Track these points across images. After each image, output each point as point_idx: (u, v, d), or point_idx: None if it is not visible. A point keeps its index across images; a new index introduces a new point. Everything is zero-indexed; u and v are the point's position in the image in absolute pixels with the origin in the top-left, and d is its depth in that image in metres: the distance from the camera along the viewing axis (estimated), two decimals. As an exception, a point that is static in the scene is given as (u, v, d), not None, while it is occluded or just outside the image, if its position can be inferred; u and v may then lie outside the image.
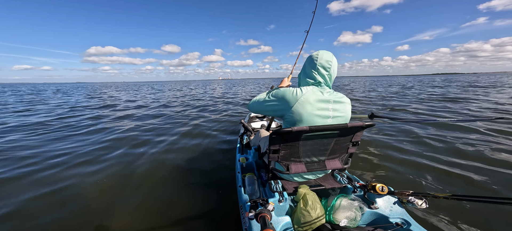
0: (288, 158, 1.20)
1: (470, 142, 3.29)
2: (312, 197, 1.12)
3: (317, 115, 1.11)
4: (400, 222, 1.04)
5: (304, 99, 1.09)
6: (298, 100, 1.10)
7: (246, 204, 1.21)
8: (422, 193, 1.03)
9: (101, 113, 7.04)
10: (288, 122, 1.16)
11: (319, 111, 1.11)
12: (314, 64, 1.15)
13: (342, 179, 1.38)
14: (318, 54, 1.15)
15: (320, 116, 1.12)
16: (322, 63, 1.14)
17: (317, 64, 1.15)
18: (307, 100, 1.10)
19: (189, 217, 1.78)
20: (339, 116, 1.17)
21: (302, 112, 1.10)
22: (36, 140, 3.94)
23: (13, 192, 2.15)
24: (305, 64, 1.23)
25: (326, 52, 1.17)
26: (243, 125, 2.11)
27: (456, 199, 0.87)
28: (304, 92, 1.11)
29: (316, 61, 1.15)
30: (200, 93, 16.23)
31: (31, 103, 10.30)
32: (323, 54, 1.15)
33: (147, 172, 2.60)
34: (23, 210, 1.89)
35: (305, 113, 1.10)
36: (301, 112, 1.10)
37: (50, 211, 1.87)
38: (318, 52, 1.16)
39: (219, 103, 9.61)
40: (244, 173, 1.68)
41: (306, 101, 1.09)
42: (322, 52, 1.16)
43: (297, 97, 1.10)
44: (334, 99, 1.15)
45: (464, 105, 6.96)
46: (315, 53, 1.17)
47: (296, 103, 1.10)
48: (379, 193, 1.12)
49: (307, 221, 1.06)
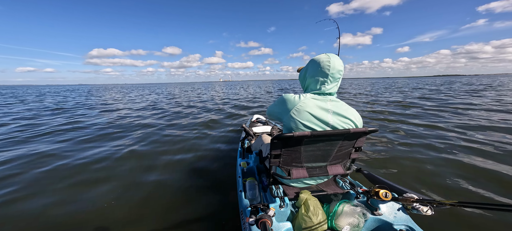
0: (289, 163, 1.18)
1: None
2: (314, 202, 1.10)
3: (315, 124, 1.08)
4: (404, 229, 1.02)
5: (302, 107, 1.08)
6: (296, 106, 1.08)
7: (246, 209, 1.19)
8: (427, 199, 1.00)
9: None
10: (285, 126, 1.16)
11: (317, 121, 1.08)
12: (326, 73, 1.08)
13: (345, 184, 1.36)
14: (330, 62, 1.06)
15: (317, 126, 1.08)
16: (334, 73, 1.08)
17: (329, 74, 1.08)
18: (305, 108, 1.07)
19: (189, 221, 1.76)
20: (338, 117, 1.10)
21: (299, 119, 1.08)
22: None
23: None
24: (313, 68, 1.13)
25: (338, 60, 1.08)
26: (244, 129, 2.11)
27: (463, 206, 0.84)
28: (303, 99, 1.09)
29: (328, 70, 1.07)
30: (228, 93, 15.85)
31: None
32: (335, 62, 1.06)
33: (148, 173, 2.60)
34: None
35: (303, 120, 1.08)
36: (297, 119, 1.08)
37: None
38: (330, 59, 1.07)
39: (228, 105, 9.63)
40: (245, 177, 1.67)
41: (303, 109, 1.07)
42: (334, 59, 1.07)
43: (296, 103, 1.09)
44: (335, 111, 1.09)
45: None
46: (326, 60, 1.07)
47: (293, 109, 1.09)
48: (383, 199, 1.09)
49: (308, 227, 1.03)
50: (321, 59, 1.09)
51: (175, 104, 10.59)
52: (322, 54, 1.12)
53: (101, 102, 11.73)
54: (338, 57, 1.10)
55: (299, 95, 1.11)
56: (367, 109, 7.52)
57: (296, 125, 1.09)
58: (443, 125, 4.73)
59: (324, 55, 1.10)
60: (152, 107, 9.46)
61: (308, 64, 1.17)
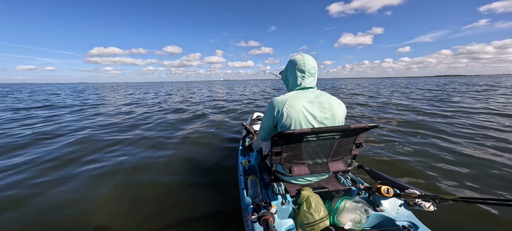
0: (290, 160, 1.18)
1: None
2: (316, 199, 1.10)
3: (304, 116, 1.14)
4: (407, 224, 1.02)
5: (291, 102, 1.14)
6: (285, 104, 1.15)
7: (248, 206, 1.20)
8: (429, 195, 1.00)
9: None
10: (280, 126, 1.19)
11: (306, 109, 1.15)
12: (303, 70, 1.22)
13: (346, 181, 1.36)
14: (304, 60, 1.22)
15: (306, 116, 1.14)
16: (309, 69, 1.22)
17: (305, 70, 1.22)
18: (294, 102, 1.14)
19: (191, 219, 1.77)
20: (325, 112, 1.16)
21: (291, 113, 1.13)
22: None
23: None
24: (292, 67, 1.27)
25: (311, 58, 1.24)
26: (245, 127, 2.11)
27: (466, 201, 0.84)
28: (289, 96, 1.17)
29: (304, 67, 1.21)
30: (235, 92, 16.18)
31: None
32: (309, 60, 1.22)
33: (147, 171, 2.61)
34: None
35: (294, 114, 1.13)
36: (289, 114, 1.14)
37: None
38: (304, 57, 1.23)
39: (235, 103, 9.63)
40: (247, 175, 1.67)
41: (292, 104, 1.14)
42: (307, 57, 1.23)
43: (284, 101, 1.16)
44: (317, 99, 1.18)
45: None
46: (301, 59, 1.23)
47: (283, 108, 1.15)
48: (385, 195, 1.09)
49: (310, 224, 1.03)
50: (297, 59, 1.25)
51: (175, 102, 10.60)
52: (297, 55, 1.28)
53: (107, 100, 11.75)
54: (311, 56, 1.26)
55: (282, 96, 1.20)
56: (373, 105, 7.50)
57: (290, 121, 1.14)
58: (444, 123, 4.71)
59: (299, 55, 1.27)
60: (157, 105, 9.48)
61: (288, 65, 1.32)
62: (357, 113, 6.64)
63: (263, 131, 1.33)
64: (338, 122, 1.18)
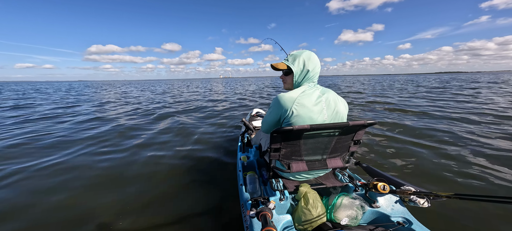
0: (289, 156, 1.20)
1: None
2: (313, 195, 1.12)
3: (314, 112, 1.13)
4: (401, 221, 1.04)
5: (300, 101, 1.12)
6: (294, 103, 1.12)
7: (247, 202, 1.21)
8: (424, 191, 1.02)
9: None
10: (286, 123, 1.17)
11: (315, 108, 1.13)
12: (314, 68, 1.21)
13: (344, 177, 1.37)
14: (310, 58, 1.20)
15: (316, 112, 1.13)
16: (316, 66, 1.21)
17: (316, 67, 1.20)
18: (303, 100, 1.12)
19: (190, 215, 1.79)
20: (331, 110, 1.16)
21: (300, 112, 1.11)
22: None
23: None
24: (304, 63, 1.23)
25: (314, 55, 1.22)
26: (244, 123, 2.11)
27: (459, 198, 0.86)
28: (297, 94, 1.14)
29: (308, 65, 1.20)
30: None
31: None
32: (310, 57, 1.20)
33: (147, 170, 2.62)
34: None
35: (303, 112, 1.11)
36: (299, 113, 1.11)
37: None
38: (309, 56, 1.21)
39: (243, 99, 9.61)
40: (245, 171, 1.68)
41: (301, 102, 1.12)
42: (311, 56, 1.21)
43: (293, 99, 1.13)
44: (324, 97, 1.18)
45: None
46: (313, 56, 1.21)
47: (292, 106, 1.12)
48: (381, 191, 1.11)
49: (308, 220, 1.05)
50: (310, 54, 1.23)
51: (176, 100, 10.56)
52: (307, 51, 1.26)
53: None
54: (313, 53, 1.24)
55: (291, 93, 1.16)
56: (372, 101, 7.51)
57: (299, 118, 1.12)
58: (444, 121, 4.75)
59: (310, 52, 1.24)
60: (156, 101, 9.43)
61: (300, 57, 1.28)
62: (356, 111, 6.67)
63: (267, 124, 1.30)
64: (341, 120, 1.19)
